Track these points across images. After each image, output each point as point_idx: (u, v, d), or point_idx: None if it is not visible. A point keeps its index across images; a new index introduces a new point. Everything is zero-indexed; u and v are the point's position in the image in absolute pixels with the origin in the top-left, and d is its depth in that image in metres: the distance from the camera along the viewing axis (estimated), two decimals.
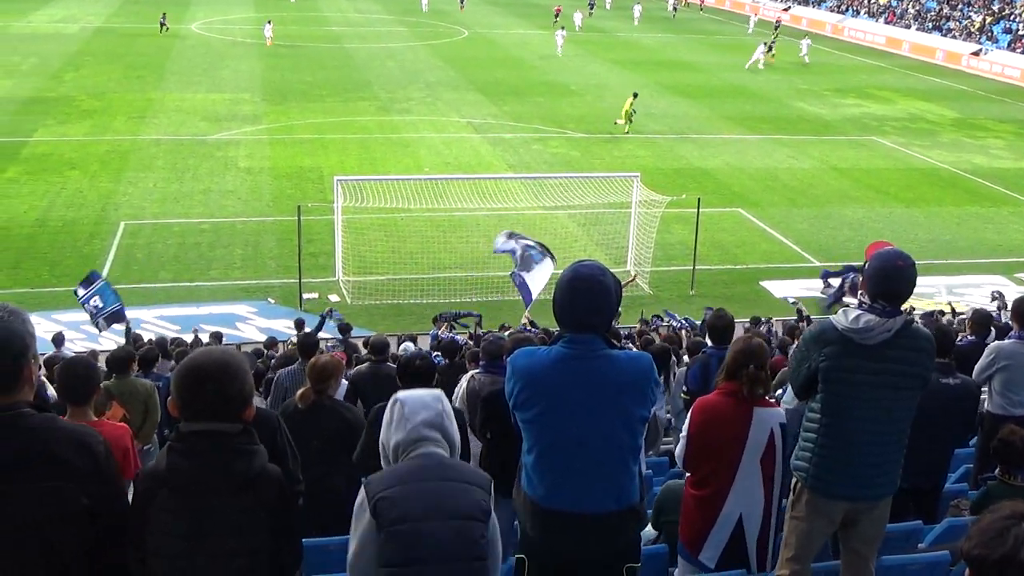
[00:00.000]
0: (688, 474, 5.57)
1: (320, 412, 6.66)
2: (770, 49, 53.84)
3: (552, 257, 18.04)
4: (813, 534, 5.09)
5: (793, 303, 20.01)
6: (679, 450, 5.51)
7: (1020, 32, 58.88)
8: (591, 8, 68.72)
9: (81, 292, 16.89)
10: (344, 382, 9.70)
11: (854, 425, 4.89)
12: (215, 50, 49.84)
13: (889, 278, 4.83)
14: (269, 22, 51.79)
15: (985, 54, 58.12)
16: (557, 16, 61.03)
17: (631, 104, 35.29)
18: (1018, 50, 57.13)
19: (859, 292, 4.98)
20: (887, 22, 68.57)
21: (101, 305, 16.68)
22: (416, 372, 6.41)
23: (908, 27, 66.42)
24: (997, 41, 59.40)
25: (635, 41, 60.45)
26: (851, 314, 4.87)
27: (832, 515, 5.06)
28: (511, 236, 18.50)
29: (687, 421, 5.51)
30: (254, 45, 47.19)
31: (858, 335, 4.81)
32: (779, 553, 5.28)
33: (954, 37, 62.12)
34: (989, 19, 62.17)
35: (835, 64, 56.08)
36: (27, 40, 49.93)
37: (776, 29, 61.46)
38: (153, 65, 45.01)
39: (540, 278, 17.62)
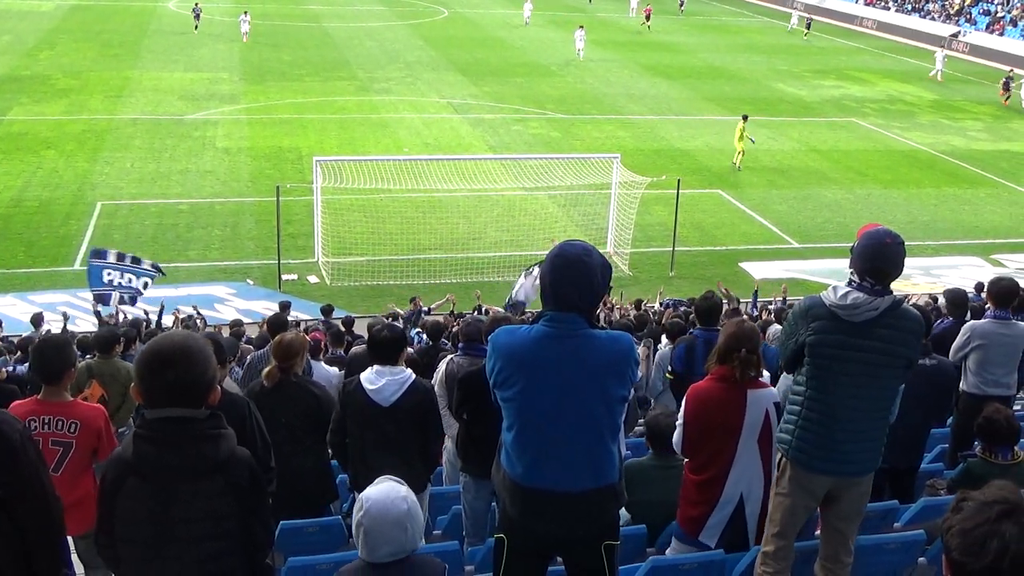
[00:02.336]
0: (686, 460, 5.64)
1: (287, 390, 6.61)
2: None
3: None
4: (796, 509, 5.13)
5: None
6: (676, 437, 5.57)
7: (998, 14, 59.09)
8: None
9: (146, 265, 17.09)
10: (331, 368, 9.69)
11: (836, 400, 4.93)
12: (192, 28, 49.32)
13: (876, 255, 4.85)
14: (246, 13, 46.46)
15: (963, 36, 58.33)
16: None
17: (742, 129, 29.65)
18: (996, 32, 57.36)
19: (849, 270, 5.00)
20: (867, 3, 68.66)
21: (132, 285, 16.80)
22: (383, 343, 6.34)
23: (887, 8, 66.54)
24: (975, 23, 59.61)
25: (615, 22, 60.30)
26: (840, 290, 4.90)
27: (815, 490, 5.09)
28: (526, 273, 18.23)
29: (682, 408, 5.55)
30: (233, 24, 46.76)
31: (844, 311, 4.85)
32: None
33: (933, 19, 62.30)
34: (968, 1, 62.35)
35: (815, 45, 56.15)
36: (1, 17, 49.29)
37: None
38: (130, 43, 44.57)
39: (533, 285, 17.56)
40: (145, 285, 17.23)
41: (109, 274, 16.88)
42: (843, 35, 61.42)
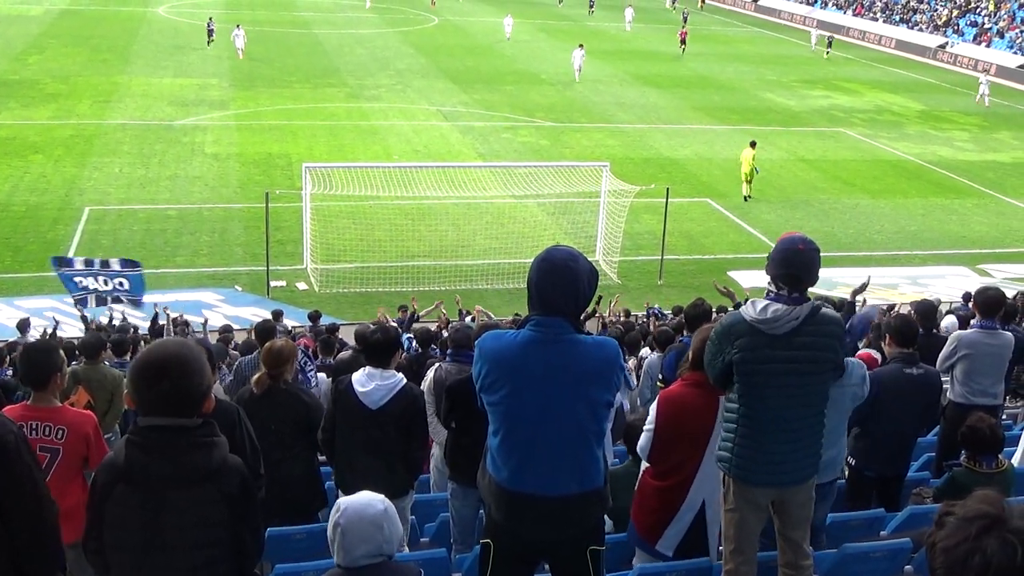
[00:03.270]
0: (648, 465, 5.57)
1: (277, 397, 6.61)
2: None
3: None
4: (746, 523, 5.13)
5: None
6: (643, 442, 5.50)
7: (985, 26, 59.47)
8: (591, 5, 66.96)
9: (115, 266, 16.94)
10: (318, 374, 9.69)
11: (769, 414, 4.93)
12: (183, 34, 49.31)
13: (788, 261, 4.89)
14: (239, 27, 44.27)
15: (951, 47, 58.68)
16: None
17: (753, 159, 27.71)
18: (983, 44, 57.72)
19: (767, 279, 5.03)
20: (855, 14, 69.03)
21: (127, 287, 16.69)
22: (375, 345, 6.36)
23: (875, 19, 66.91)
24: (963, 34, 59.98)
25: (604, 30, 60.45)
26: (759, 304, 4.91)
27: (759, 501, 5.11)
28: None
29: (652, 414, 5.49)
30: (223, 30, 46.70)
31: (766, 325, 4.85)
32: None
33: (921, 30, 62.65)
34: (955, 13, 62.75)
35: (803, 56, 56.40)
36: None
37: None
38: (119, 49, 44.48)
39: None
40: (133, 286, 17.03)
41: (81, 281, 16.76)
42: (833, 45, 61.63)
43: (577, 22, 63.56)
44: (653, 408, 5.51)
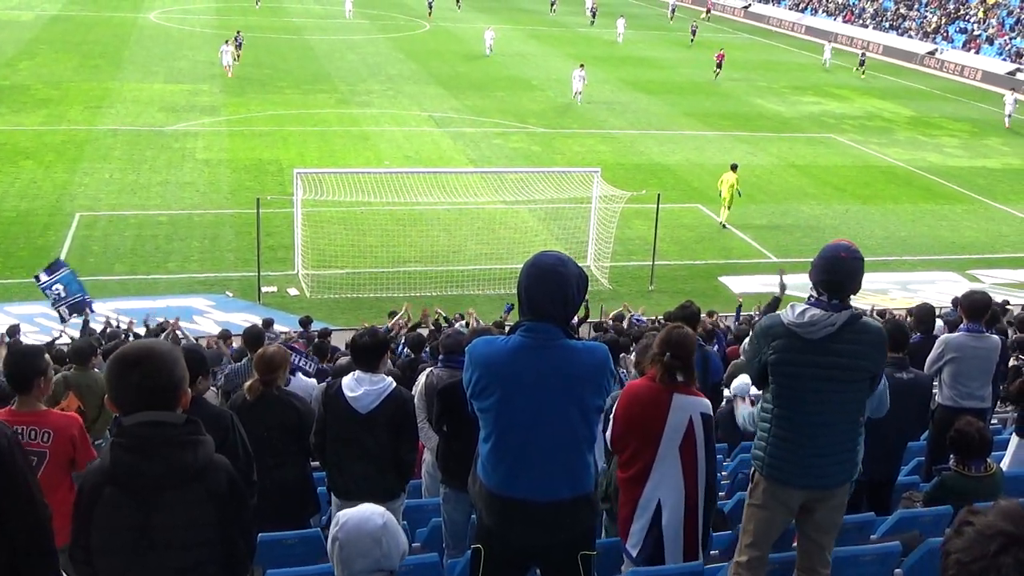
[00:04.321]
0: (617, 456, 5.58)
1: (270, 403, 6.61)
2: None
3: None
4: (771, 521, 5.16)
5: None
6: (608, 432, 5.51)
7: (975, 32, 59.75)
8: (592, 17, 66.23)
9: (44, 278, 16.68)
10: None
11: (803, 417, 4.99)
12: (174, 39, 49.28)
13: (829, 268, 4.93)
14: (227, 43, 42.06)
15: (940, 53, 58.95)
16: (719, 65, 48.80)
17: (735, 182, 25.95)
18: (972, 50, 57.99)
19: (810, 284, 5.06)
20: (845, 21, 69.30)
21: (64, 294, 16.49)
22: (364, 348, 6.37)
23: (865, 26, 67.18)
24: (952, 41, 60.26)
25: (596, 36, 60.59)
26: (798, 308, 4.97)
27: (789, 503, 5.14)
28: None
29: (615, 402, 5.52)
30: (214, 35, 46.69)
31: (802, 329, 4.91)
32: (738, 540, 5.35)
33: (910, 37, 62.93)
34: (944, 19, 63.04)
35: (793, 62, 56.59)
36: None
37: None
38: (110, 54, 44.43)
39: None
40: (69, 288, 16.76)
41: (54, 289, 16.65)
42: (821, 51, 61.88)
43: (569, 28, 63.71)
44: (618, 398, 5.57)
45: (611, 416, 5.51)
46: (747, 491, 5.27)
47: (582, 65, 41.31)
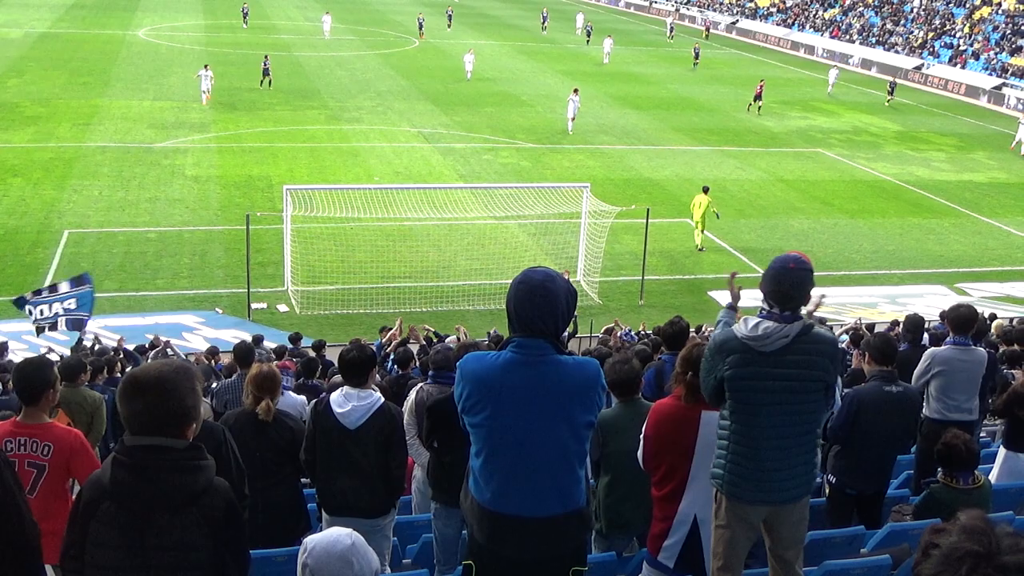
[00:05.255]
0: (650, 476, 5.65)
1: (264, 424, 6.59)
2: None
3: None
4: (736, 541, 5.15)
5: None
6: (640, 452, 5.60)
7: (961, 47, 60.18)
8: (587, 36, 65.64)
9: (64, 288, 16.57)
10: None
11: (760, 431, 4.98)
12: (162, 57, 49.30)
13: (776, 279, 4.95)
14: (207, 67, 39.92)
15: (927, 68, 59.34)
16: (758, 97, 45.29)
17: (705, 205, 25.47)
18: (958, 65, 58.39)
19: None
20: (832, 36, 69.72)
21: (73, 307, 16.41)
22: (351, 364, 6.37)
23: (852, 42, 67.60)
24: (938, 56, 60.67)
25: (585, 53, 60.83)
26: (751, 322, 4.98)
27: (751, 520, 5.14)
28: None
29: (645, 423, 5.59)
30: (203, 52, 46.69)
31: (757, 342, 4.92)
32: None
33: (897, 52, 63.34)
34: (931, 35, 63.48)
35: (781, 77, 56.87)
36: None
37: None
38: (99, 71, 44.41)
39: None
40: (81, 304, 16.65)
41: (38, 309, 16.50)
42: (809, 67, 62.29)
43: (559, 45, 63.95)
44: (647, 417, 5.65)
45: (640, 436, 5.55)
46: (711, 511, 5.26)
47: (576, 90, 38.98)
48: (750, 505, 5.07)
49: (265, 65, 43.05)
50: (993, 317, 16.79)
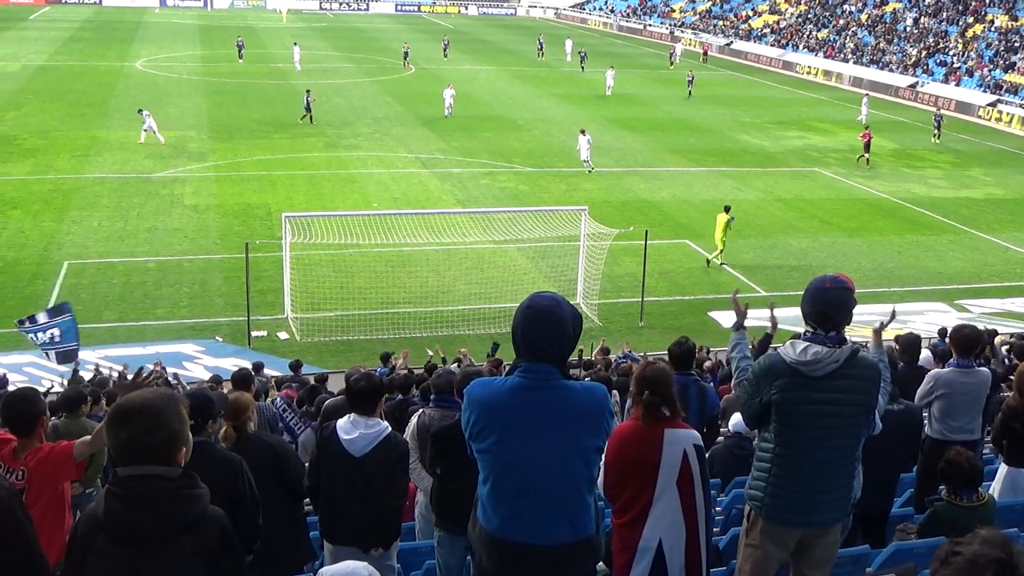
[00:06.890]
0: (611, 504, 5.49)
1: (245, 447, 6.55)
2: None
3: None
4: (767, 561, 5.14)
5: None
6: (600, 480, 5.44)
7: (954, 65, 60.44)
8: (581, 62, 63.68)
9: (42, 318, 16.54)
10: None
11: (805, 455, 4.98)
12: (160, 87, 49.51)
13: (815, 299, 4.94)
14: (145, 112, 37.25)
15: (921, 86, 59.58)
16: None
17: (727, 222, 25.84)
18: (953, 83, 58.63)
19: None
20: (826, 56, 70.05)
21: (58, 339, 16.36)
22: (360, 393, 6.35)
23: (846, 61, 67.91)
24: (932, 74, 60.93)
25: (580, 77, 61.09)
26: (799, 346, 4.94)
27: (786, 541, 5.12)
28: None
29: (605, 449, 5.43)
30: (200, 82, 46.88)
31: (806, 367, 4.89)
32: None
33: (891, 70, 63.62)
34: (924, 53, 63.78)
35: (777, 97, 57.12)
36: None
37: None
38: (97, 103, 44.60)
39: None
40: (65, 334, 16.61)
41: (37, 336, 16.53)
42: (804, 87, 62.56)
43: (555, 69, 64.24)
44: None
45: (601, 464, 5.38)
46: (742, 531, 5.24)
47: (583, 131, 36.24)
48: (789, 527, 5.06)
49: (308, 100, 41.95)
50: (994, 333, 16.77)
